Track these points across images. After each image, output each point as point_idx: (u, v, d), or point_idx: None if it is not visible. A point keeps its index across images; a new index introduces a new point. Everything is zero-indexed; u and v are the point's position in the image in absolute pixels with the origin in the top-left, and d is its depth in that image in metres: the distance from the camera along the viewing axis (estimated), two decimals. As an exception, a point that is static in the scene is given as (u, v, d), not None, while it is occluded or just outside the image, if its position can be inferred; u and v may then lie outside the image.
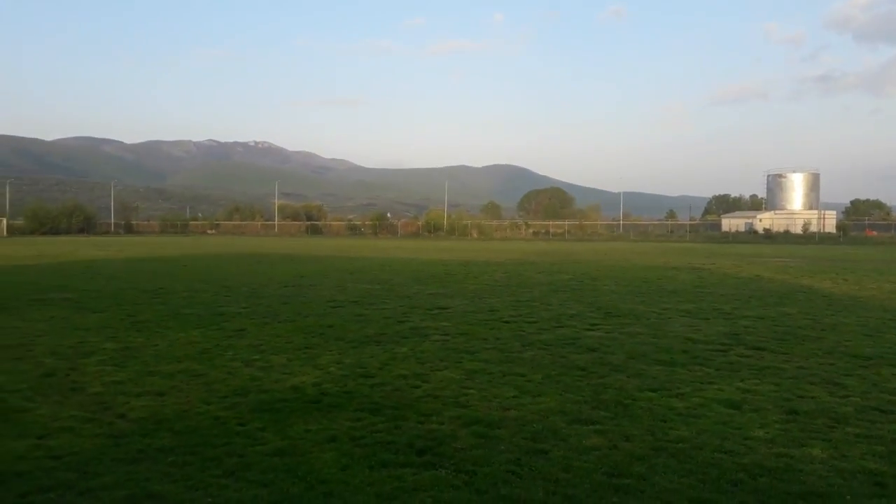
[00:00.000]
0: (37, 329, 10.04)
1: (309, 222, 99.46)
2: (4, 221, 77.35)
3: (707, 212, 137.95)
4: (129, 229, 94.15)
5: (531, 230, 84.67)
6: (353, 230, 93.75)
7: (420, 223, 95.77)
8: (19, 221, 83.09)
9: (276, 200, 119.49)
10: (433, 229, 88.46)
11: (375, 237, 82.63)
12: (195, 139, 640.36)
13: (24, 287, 16.26)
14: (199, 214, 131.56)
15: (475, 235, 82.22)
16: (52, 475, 4.26)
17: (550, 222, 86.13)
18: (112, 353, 8.32)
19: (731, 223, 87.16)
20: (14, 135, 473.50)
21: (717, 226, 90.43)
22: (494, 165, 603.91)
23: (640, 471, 4.45)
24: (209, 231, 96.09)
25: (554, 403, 6.04)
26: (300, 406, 5.89)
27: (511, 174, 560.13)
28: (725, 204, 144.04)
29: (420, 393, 6.42)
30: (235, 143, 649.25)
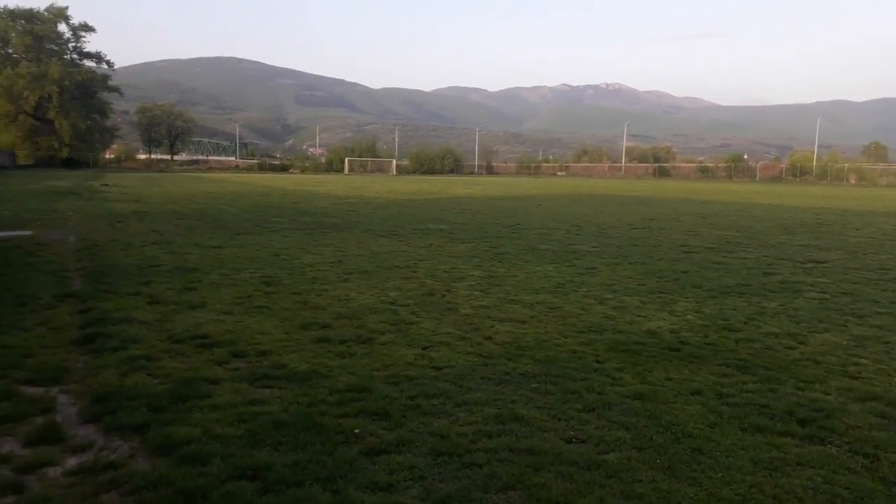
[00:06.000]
0: (419, 254, 11.53)
1: (656, 164, 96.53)
2: (394, 162, 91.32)
3: None
4: (489, 170, 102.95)
5: (932, 175, 69.05)
6: (705, 172, 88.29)
7: (783, 166, 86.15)
8: (404, 162, 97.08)
9: (624, 142, 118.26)
10: (799, 173, 78.67)
11: (730, 180, 76.44)
12: (549, 84, 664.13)
13: (408, 217, 18.91)
14: (550, 157, 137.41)
15: (852, 181, 70.52)
16: (434, 384, 4.77)
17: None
18: (479, 279, 9.10)
19: None
20: (403, 87, 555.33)
21: None
22: (882, 99, 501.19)
23: None
24: (558, 173, 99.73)
25: None
26: (658, 352, 5.63)
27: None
28: None
29: (796, 355, 5.63)
30: (587, 87, 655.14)
